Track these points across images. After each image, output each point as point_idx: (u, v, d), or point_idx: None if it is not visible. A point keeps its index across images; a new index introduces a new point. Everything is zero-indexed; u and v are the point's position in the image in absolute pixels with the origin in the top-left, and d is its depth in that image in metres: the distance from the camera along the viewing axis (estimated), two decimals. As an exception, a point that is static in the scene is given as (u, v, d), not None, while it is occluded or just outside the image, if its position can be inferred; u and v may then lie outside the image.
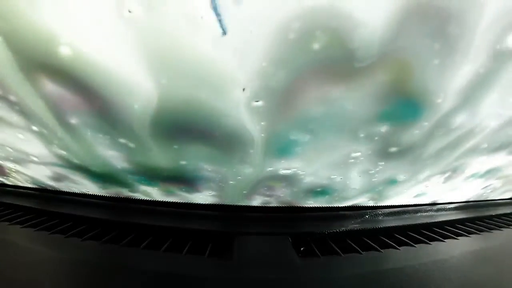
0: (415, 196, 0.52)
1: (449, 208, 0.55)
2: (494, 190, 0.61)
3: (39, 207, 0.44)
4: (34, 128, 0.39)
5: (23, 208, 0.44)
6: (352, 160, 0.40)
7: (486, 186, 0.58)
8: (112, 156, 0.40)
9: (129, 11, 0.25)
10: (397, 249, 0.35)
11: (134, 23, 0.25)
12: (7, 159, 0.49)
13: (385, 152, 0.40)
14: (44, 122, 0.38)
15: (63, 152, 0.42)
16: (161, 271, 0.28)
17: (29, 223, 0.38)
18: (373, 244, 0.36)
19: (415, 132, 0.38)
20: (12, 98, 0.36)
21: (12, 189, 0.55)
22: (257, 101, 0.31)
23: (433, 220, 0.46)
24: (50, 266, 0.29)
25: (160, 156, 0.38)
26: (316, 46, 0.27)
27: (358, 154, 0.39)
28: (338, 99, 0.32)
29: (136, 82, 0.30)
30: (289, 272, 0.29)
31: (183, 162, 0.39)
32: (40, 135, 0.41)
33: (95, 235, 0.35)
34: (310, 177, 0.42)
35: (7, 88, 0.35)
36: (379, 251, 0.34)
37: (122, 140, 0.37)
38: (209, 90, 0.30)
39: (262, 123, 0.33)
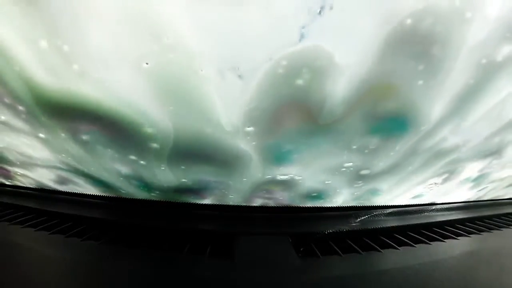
0: (413, 197, 0.52)
1: (449, 208, 0.55)
2: (491, 191, 0.61)
3: (39, 207, 0.44)
4: (41, 135, 0.43)
5: (23, 208, 0.44)
6: (344, 169, 0.43)
7: (483, 188, 0.58)
8: (120, 167, 0.43)
9: (146, 64, 0.32)
10: (397, 249, 0.35)
11: (151, 72, 0.32)
12: (13, 163, 0.50)
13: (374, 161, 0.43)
14: (57, 134, 0.41)
15: (71, 160, 0.44)
16: (161, 271, 0.28)
17: (29, 223, 0.38)
18: (373, 244, 0.36)
19: (405, 142, 0.41)
20: (20, 107, 0.39)
21: (12, 189, 0.55)
22: (249, 127, 0.36)
23: (433, 220, 0.46)
24: (50, 266, 0.29)
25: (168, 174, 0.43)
26: (300, 81, 0.33)
27: (350, 164, 0.43)
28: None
29: (151, 115, 0.36)
30: (289, 272, 0.29)
31: (185, 180, 0.43)
32: (47, 142, 0.43)
33: (95, 235, 0.35)
34: (308, 182, 0.44)
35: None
36: (379, 251, 0.34)
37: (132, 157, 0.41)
38: (209, 121, 0.36)
39: (254, 143, 0.38)
